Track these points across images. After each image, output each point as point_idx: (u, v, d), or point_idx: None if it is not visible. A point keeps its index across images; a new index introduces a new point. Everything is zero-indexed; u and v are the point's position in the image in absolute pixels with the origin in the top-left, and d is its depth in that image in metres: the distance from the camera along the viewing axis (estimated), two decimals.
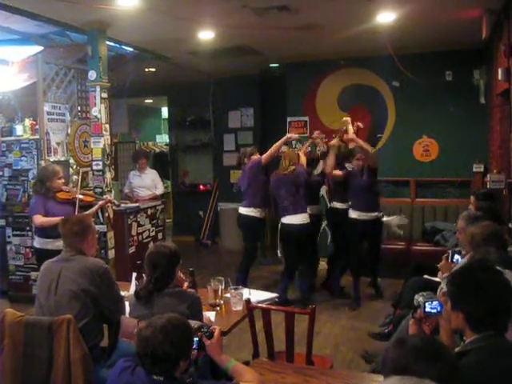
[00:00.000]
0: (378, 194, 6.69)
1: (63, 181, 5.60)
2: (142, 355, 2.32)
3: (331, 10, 5.95)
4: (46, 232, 5.28)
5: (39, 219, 5.29)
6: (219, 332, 2.67)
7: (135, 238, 7.14)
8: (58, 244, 4.34)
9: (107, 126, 6.57)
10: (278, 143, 6.59)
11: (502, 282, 2.28)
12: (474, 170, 7.73)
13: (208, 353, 2.62)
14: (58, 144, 6.71)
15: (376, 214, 6.48)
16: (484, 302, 2.21)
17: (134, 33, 6.70)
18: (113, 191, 6.69)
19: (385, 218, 6.78)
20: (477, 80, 7.66)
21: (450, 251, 4.08)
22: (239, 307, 3.81)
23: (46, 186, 5.38)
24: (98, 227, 5.75)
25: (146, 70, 9.10)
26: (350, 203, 6.58)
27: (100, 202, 5.88)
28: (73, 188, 5.85)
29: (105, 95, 6.51)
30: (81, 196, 5.61)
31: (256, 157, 6.79)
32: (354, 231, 6.51)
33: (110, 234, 6.63)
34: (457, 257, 3.99)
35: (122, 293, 3.75)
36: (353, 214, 6.47)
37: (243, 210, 6.77)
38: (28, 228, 6.67)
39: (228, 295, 3.92)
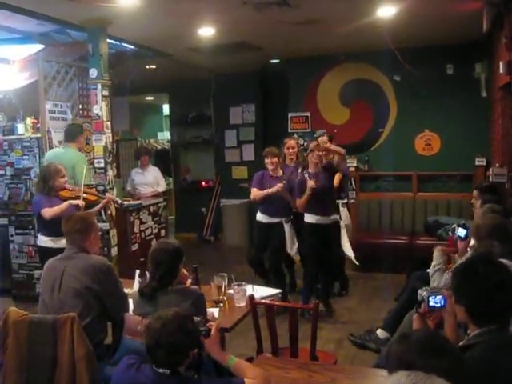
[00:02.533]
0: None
1: (66, 179, 5.59)
2: (154, 347, 2.34)
3: (331, 5, 5.93)
4: (49, 230, 5.27)
5: (49, 212, 5.23)
6: (216, 328, 2.66)
7: (138, 235, 7.16)
8: (62, 242, 4.34)
9: (109, 123, 6.55)
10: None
11: (504, 277, 2.27)
12: (476, 163, 7.72)
13: (207, 351, 2.62)
14: (59, 142, 6.71)
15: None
16: (485, 297, 2.21)
17: (134, 30, 6.69)
18: (115, 189, 6.68)
19: None
20: (478, 73, 7.66)
21: (455, 225, 4.10)
22: (242, 303, 3.81)
23: (49, 185, 5.36)
24: (100, 225, 5.75)
25: (147, 67, 9.09)
26: None
27: (103, 201, 5.88)
28: (75, 186, 5.85)
29: (106, 93, 6.50)
30: (84, 195, 5.61)
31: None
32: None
33: (113, 232, 6.62)
34: (461, 231, 4.02)
35: (126, 290, 3.76)
36: None
37: None
38: (31, 226, 6.67)
39: (231, 291, 3.93)
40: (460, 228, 4.10)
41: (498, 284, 2.22)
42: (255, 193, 6.18)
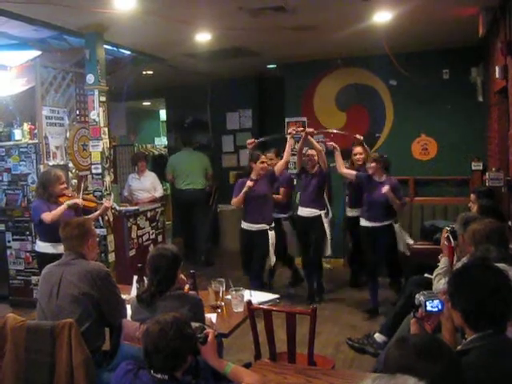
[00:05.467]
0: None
1: (65, 185, 5.59)
2: (153, 352, 2.34)
3: (328, 10, 5.95)
4: (47, 236, 5.26)
5: (48, 216, 5.20)
6: (213, 336, 2.66)
7: (135, 240, 7.15)
8: (60, 248, 4.33)
9: (106, 129, 6.56)
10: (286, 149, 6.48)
11: (500, 281, 2.27)
12: (473, 168, 7.72)
13: (204, 358, 2.62)
14: (56, 148, 6.71)
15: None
16: (479, 302, 2.21)
17: (131, 36, 6.70)
18: (112, 194, 6.68)
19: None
20: (474, 78, 7.66)
21: (448, 229, 4.11)
22: (240, 309, 3.82)
23: (49, 191, 5.36)
24: (98, 231, 5.75)
25: (144, 72, 9.10)
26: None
27: (102, 208, 5.86)
28: (74, 192, 5.85)
29: (103, 99, 6.51)
30: (83, 201, 5.60)
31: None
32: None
33: (110, 238, 6.62)
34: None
35: (123, 296, 3.76)
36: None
37: None
38: (28, 232, 6.68)
39: (229, 297, 3.93)
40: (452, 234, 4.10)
41: (493, 289, 2.22)
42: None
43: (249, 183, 6.19)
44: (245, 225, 6.51)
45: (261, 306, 3.71)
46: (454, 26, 6.59)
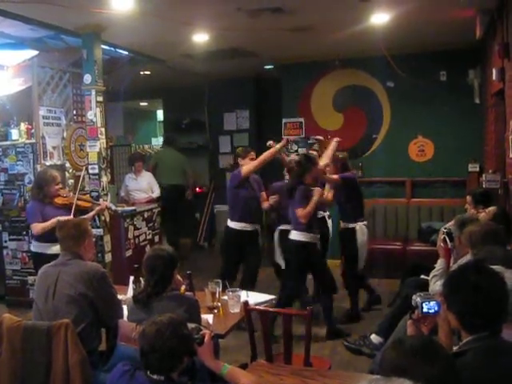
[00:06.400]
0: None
1: (61, 186, 5.57)
2: (149, 352, 2.34)
3: (325, 12, 5.96)
4: (43, 236, 5.24)
5: (37, 227, 5.22)
6: (209, 337, 2.66)
7: (132, 241, 7.14)
8: (56, 248, 4.32)
9: (103, 129, 6.55)
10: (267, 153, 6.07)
11: (494, 285, 2.25)
12: (470, 169, 7.74)
13: (200, 359, 2.62)
14: (53, 148, 6.70)
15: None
16: (473, 305, 2.20)
17: (128, 36, 6.70)
18: (109, 195, 6.67)
19: None
20: (471, 80, 7.68)
21: (444, 231, 4.11)
22: (237, 309, 3.81)
23: (44, 192, 5.34)
24: (94, 231, 5.75)
25: (141, 73, 9.10)
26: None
27: (97, 208, 5.87)
28: (70, 193, 5.83)
29: (100, 99, 6.49)
30: (78, 202, 5.59)
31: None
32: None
33: (107, 238, 6.61)
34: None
35: (120, 296, 3.75)
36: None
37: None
38: (24, 232, 6.65)
39: (225, 298, 3.93)
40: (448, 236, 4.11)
41: (488, 291, 2.22)
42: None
43: (319, 190, 5.44)
44: (312, 237, 5.50)
45: (257, 307, 3.71)
46: (451, 27, 6.61)
